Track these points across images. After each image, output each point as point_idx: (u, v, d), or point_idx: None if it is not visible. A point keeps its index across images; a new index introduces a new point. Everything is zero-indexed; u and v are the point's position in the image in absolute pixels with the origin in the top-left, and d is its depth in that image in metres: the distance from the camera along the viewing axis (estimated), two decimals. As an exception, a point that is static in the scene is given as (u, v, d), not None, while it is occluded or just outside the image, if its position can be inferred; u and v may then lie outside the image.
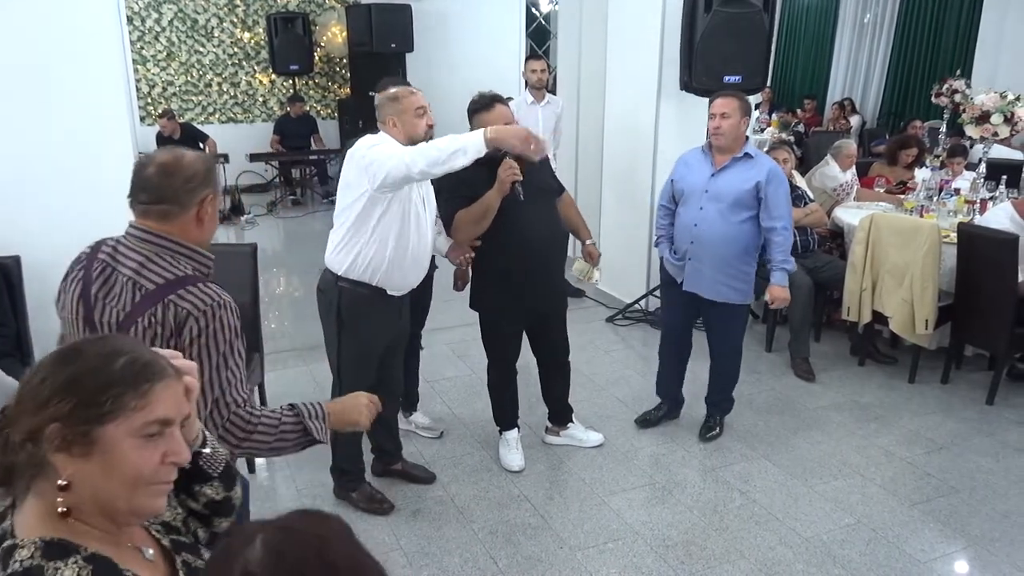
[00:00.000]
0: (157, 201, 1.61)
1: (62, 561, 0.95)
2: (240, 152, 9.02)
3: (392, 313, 2.95)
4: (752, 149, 3.41)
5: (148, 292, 1.57)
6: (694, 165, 3.47)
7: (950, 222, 4.61)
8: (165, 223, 1.62)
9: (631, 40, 5.25)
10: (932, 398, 4.21)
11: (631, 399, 4.12)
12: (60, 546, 0.97)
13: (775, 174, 3.35)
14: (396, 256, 2.78)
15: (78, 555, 0.96)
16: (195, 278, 1.61)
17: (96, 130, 3.51)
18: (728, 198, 3.34)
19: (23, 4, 3.37)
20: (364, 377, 2.97)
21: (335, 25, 9.89)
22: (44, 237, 3.40)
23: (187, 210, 1.63)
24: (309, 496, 3.24)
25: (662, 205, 3.64)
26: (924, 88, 9.29)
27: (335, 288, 2.85)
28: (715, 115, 3.30)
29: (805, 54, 11.58)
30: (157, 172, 1.62)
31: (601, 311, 5.50)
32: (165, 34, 9.33)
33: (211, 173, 1.68)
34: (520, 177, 2.95)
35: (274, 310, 5.74)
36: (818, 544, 2.96)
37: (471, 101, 3.05)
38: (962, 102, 5.78)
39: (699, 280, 3.44)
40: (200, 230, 1.67)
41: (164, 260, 1.61)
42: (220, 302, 1.59)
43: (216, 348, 1.57)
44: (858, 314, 4.45)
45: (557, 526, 3.07)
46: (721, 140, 3.32)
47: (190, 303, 1.55)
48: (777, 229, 3.35)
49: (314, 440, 1.67)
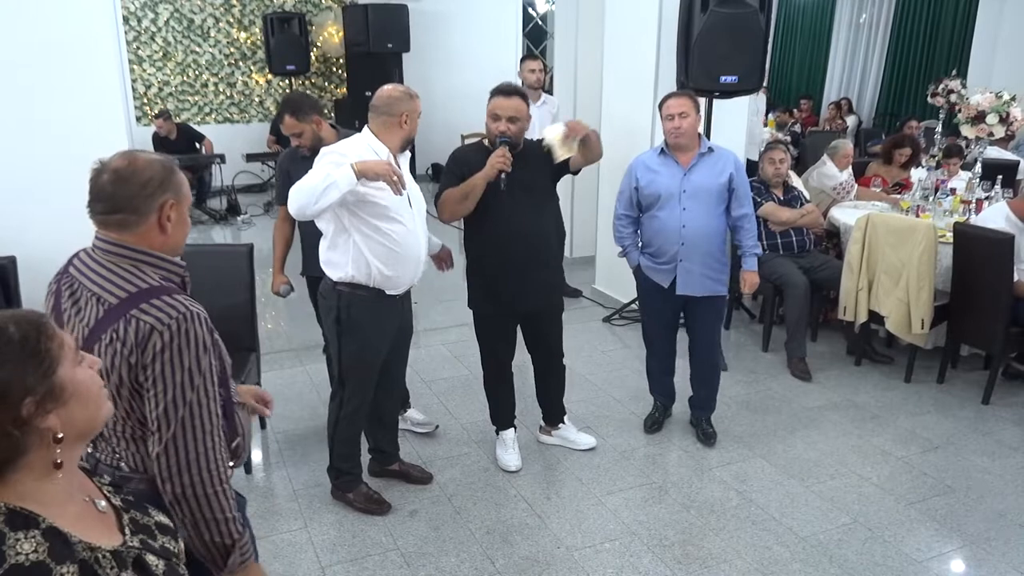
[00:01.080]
0: (113, 211, 1.52)
1: (23, 532, 0.99)
2: (237, 152, 9.01)
3: (392, 314, 2.95)
4: (710, 142, 3.47)
5: (111, 307, 1.48)
6: (659, 169, 3.45)
7: (946, 222, 4.62)
8: (125, 232, 1.53)
9: (628, 40, 5.25)
10: (928, 397, 4.21)
11: (628, 399, 4.12)
12: (22, 516, 1.01)
13: (739, 163, 3.49)
14: (385, 254, 2.78)
15: (37, 529, 1.00)
16: (161, 289, 1.50)
17: (92, 130, 3.51)
18: (709, 194, 3.38)
19: (18, 4, 3.37)
20: (366, 380, 2.98)
21: (332, 25, 9.88)
22: (40, 238, 3.39)
23: (145, 218, 1.52)
24: (306, 497, 3.24)
25: (624, 214, 3.57)
26: (920, 88, 9.33)
27: (334, 293, 2.85)
28: (673, 115, 3.34)
29: (801, 54, 11.60)
30: (111, 180, 1.51)
31: (598, 311, 5.50)
32: (161, 34, 9.31)
33: (170, 176, 1.56)
34: (508, 168, 2.96)
35: (270, 310, 5.73)
36: (815, 543, 2.97)
37: (496, 86, 3.11)
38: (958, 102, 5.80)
39: (690, 280, 3.45)
40: (164, 238, 1.56)
41: (126, 272, 1.51)
42: (187, 314, 1.47)
43: (180, 363, 1.46)
44: (854, 314, 4.46)
45: (554, 526, 3.07)
46: (683, 139, 3.36)
47: (153, 317, 1.45)
48: (748, 215, 3.46)
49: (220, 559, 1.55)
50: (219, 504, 1.52)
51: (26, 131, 3.47)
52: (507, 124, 3.02)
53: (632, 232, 3.59)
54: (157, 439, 1.47)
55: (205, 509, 1.50)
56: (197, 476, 1.49)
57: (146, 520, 1.23)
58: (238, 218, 8.35)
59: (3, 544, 0.97)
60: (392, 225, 2.77)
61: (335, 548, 2.92)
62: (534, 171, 3.17)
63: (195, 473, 1.49)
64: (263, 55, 9.79)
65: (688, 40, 4.45)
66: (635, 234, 3.59)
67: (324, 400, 4.05)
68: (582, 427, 3.74)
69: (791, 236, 4.71)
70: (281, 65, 9.63)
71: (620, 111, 5.39)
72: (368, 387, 3.01)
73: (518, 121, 3.04)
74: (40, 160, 3.49)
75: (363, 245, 2.76)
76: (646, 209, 3.50)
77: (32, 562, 0.97)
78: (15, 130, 3.46)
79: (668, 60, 4.75)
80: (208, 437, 1.51)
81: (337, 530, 3.03)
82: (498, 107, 3.03)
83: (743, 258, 3.53)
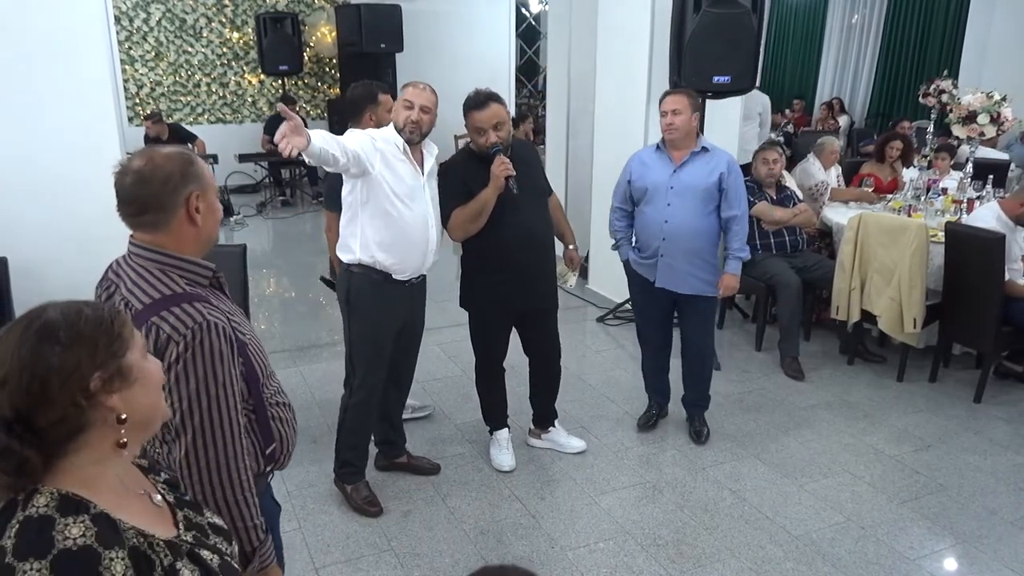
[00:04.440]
0: (141, 211, 1.52)
1: (72, 517, 1.00)
2: (229, 153, 8.98)
3: (400, 298, 2.99)
4: (707, 142, 3.47)
5: (136, 313, 1.48)
6: (652, 164, 3.49)
7: (938, 221, 4.65)
8: (157, 233, 1.53)
9: (621, 40, 5.26)
10: (920, 396, 4.23)
11: (622, 398, 4.13)
12: (73, 502, 1.02)
13: (734, 165, 3.47)
14: (390, 238, 2.85)
15: (87, 514, 1.01)
16: (183, 296, 1.50)
17: (83, 131, 3.50)
18: (696, 192, 3.39)
19: (9, 3, 3.35)
20: (376, 365, 3.02)
21: (324, 25, 9.86)
22: (31, 238, 3.38)
23: (174, 213, 1.53)
24: (300, 498, 3.23)
25: (617, 207, 3.63)
26: (912, 88, 9.37)
27: (346, 275, 2.96)
28: (667, 112, 3.36)
29: (794, 55, 11.64)
30: (133, 181, 1.51)
31: (591, 311, 5.51)
32: (153, 34, 9.29)
33: (189, 167, 1.55)
34: (513, 172, 2.96)
35: (264, 311, 5.72)
36: (808, 542, 2.97)
37: (467, 98, 3.04)
38: (949, 102, 5.82)
39: (672, 276, 3.47)
40: (196, 230, 1.56)
41: (154, 276, 1.52)
42: (203, 324, 1.46)
43: (194, 373, 1.45)
44: (847, 313, 4.48)
45: (548, 526, 3.07)
46: (675, 135, 3.38)
47: (170, 325, 1.45)
48: (738, 217, 3.45)
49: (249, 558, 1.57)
50: (239, 512, 1.53)
51: (17, 131, 3.46)
52: (494, 134, 3.00)
53: (626, 225, 3.62)
54: (179, 446, 1.49)
55: (226, 515, 1.50)
56: (218, 483, 1.50)
57: (199, 519, 1.24)
58: (231, 219, 8.33)
59: (52, 529, 0.98)
60: (400, 210, 2.83)
61: (329, 549, 2.92)
62: (529, 169, 3.17)
63: (215, 480, 1.50)
64: (256, 55, 9.77)
65: (681, 40, 4.46)
66: (629, 227, 3.62)
67: (319, 401, 4.05)
68: (575, 427, 3.74)
69: (784, 236, 4.73)
70: (274, 65, 9.61)
71: (613, 111, 5.40)
72: (378, 375, 3.04)
73: (503, 126, 3.02)
74: (31, 160, 3.47)
75: (369, 229, 2.85)
76: (637, 203, 3.55)
77: (80, 547, 0.97)
78: (6, 130, 3.44)
79: (661, 60, 4.75)
80: (228, 445, 1.51)
81: (331, 531, 3.02)
82: (479, 120, 2.99)
83: (726, 260, 3.53)
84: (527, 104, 11.53)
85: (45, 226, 3.35)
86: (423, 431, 3.77)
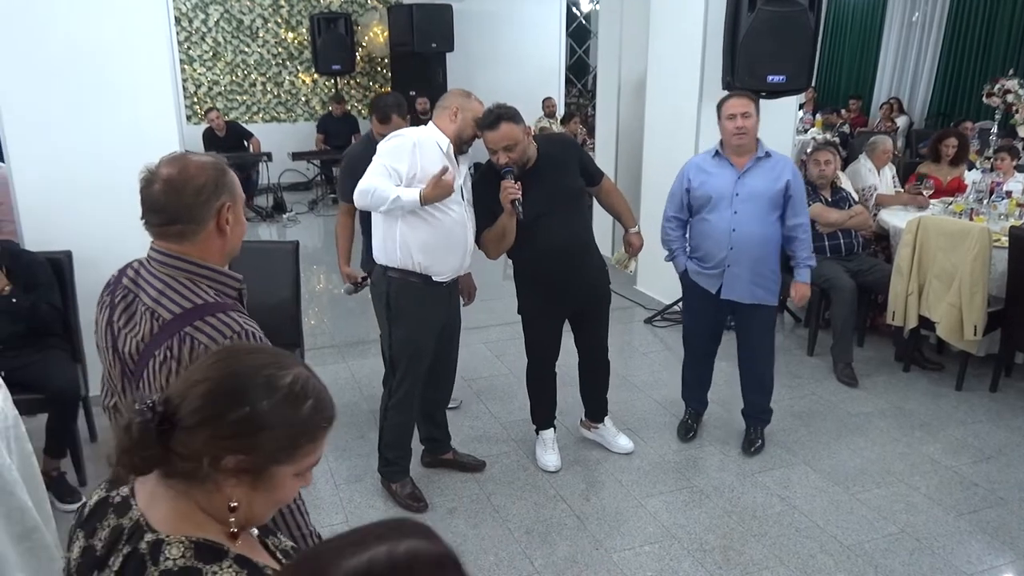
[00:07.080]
0: (170, 222, 1.47)
1: (217, 564, 0.98)
2: (283, 151, 9.15)
3: (440, 300, 3.02)
4: (768, 148, 3.37)
5: (165, 323, 1.44)
6: (712, 170, 3.38)
7: (1001, 225, 4.49)
8: (184, 243, 1.49)
9: (673, 39, 5.20)
10: (980, 406, 4.10)
11: (668, 402, 4.09)
12: (209, 548, 1.00)
13: (797, 171, 3.41)
14: (432, 238, 2.86)
15: (228, 558, 1.00)
16: (216, 306, 1.46)
17: (145, 129, 3.60)
18: (763, 199, 3.30)
19: (76, 7, 3.47)
20: (417, 366, 3.04)
21: (377, 25, 9.98)
22: (95, 233, 3.49)
23: (204, 225, 1.48)
24: (348, 491, 3.27)
25: (673, 216, 3.51)
26: (975, 88, 9.06)
27: (384, 279, 2.96)
28: (736, 115, 3.25)
29: (851, 53, 11.36)
30: (163, 189, 1.47)
31: (639, 312, 5.46)
32: (211, 34, 9.52)
33: (222, 177, 1.51)
34: (518, 195, 2.91)
35: (314, 307, 5.82)
36: (860, 553, 2.91)
37: (482, 115, 2.96)
38: (1015, 102, 5.63)
39: (738, 285, 3.38)
40: (223, 241, 1.53)
41: (182, 286, 1.47)
42: (242, 333, 1.44)
43: None
44: (904, 318, 4.36)
45: (593, 527, 3.06)
46: (745, 139, 3.27)
47: (207, 336, 1.41)
48: (803, 226, 3.37)
49: None
50: (295, 521, 1.52)
51: (84, 129, 3.58)
52: (505, 155, 2.95)
53: (681, 235, 3.53)
54: None
55: (283, 528, 1.48)
56: None
57: (284, 545, 1.22)
58: (284, 215, 8.51)
59: None
60: (440, 215, 2.84)
61: (375, 543, 2.94)
62: (559, 175, 3.11)
63: None
64: (309, 55, 9.95)
65: (735, 39, 4.40)
66: (683, 237, 3.53)
67: (366, 396, 4.11)
68: (621, 428, 3.71)
69: (839, 238, 4.62)
70: (327, 65, 9.76)
71: (664, 111, 5.34)
72: (417, 375, 3.06)
73: (515, 146, 2.94)
74: (97, 157, 3.59)
75: (409, 234, 2.85)
76: (696, 212, 3.43)
77: None
78: (72, 129, 3.56)
79: (714, 59, 4.69)
80: None
81: (377, 525, 3.05)
82: (489, 141, 2.94)
83: (795, 268, 3.43)
84: (576, 103, 11.49)
85: (108, 221, 3.45)
86: (469, 429, 3.79)
